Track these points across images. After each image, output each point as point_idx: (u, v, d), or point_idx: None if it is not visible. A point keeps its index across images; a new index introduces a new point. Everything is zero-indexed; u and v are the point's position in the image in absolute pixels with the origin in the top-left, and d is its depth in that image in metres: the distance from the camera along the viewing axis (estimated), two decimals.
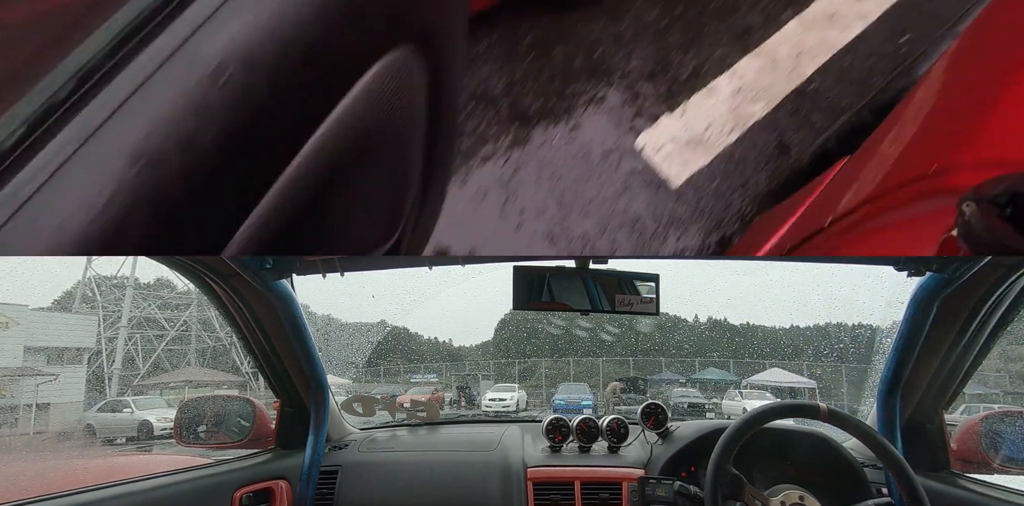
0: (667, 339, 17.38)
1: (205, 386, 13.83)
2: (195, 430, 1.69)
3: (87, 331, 13.65)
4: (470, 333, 29.03)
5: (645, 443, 1.71)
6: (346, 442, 1.81)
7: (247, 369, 14.47)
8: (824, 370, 14.34)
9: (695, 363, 15.99)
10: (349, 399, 1.98)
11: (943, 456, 1.47)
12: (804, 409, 1.22)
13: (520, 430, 1.87)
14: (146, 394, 13.09)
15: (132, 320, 16.58)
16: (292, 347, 1.52)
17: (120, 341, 15.79)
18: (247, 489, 1.45)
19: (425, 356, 19.26)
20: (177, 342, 17.60)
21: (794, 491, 1.21)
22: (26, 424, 10.85)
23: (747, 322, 18.21)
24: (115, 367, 15.07)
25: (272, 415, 1.69)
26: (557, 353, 17.06)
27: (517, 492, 1.57)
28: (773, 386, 13.36)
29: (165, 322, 17.42)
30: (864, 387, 1.85)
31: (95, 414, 10.95)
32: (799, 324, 16.92)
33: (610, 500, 1.54)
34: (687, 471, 1.54)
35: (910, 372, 1.40)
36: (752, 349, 16.25)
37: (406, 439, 1.88)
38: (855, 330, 11.68)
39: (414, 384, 15.18)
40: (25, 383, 11.02)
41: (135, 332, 16.61)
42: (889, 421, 1.43)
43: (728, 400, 11.84)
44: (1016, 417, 1.49)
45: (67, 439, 10.64)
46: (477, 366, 18.18)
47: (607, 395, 11.64)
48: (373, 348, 3.05)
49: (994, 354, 4.68)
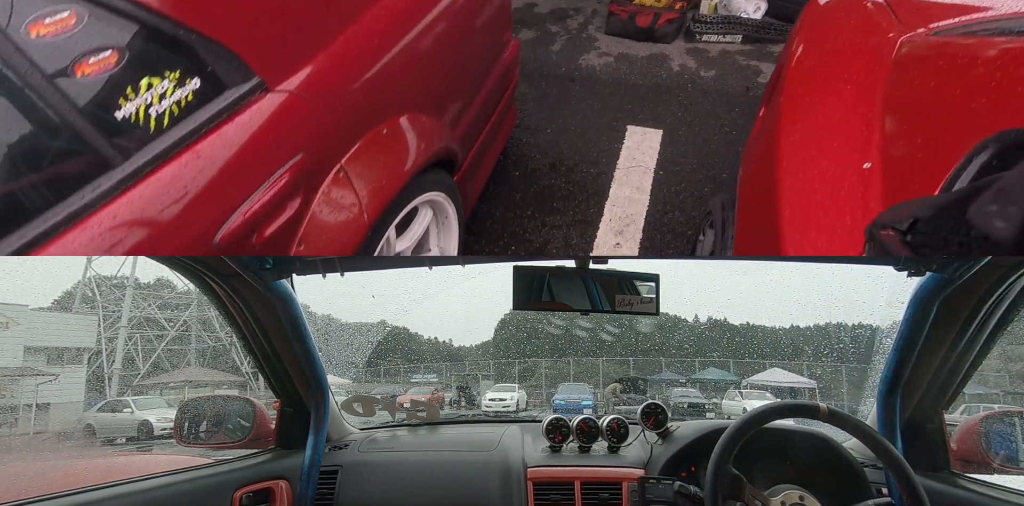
0: (667, 339, 17.37)
1: (205, 386, 13.82)
2: (195, 430, 1.69)
3: (87, 331, 13.63)
4: (470, 333, 29.02)
5: (645, 443, 1.71)
6: (346, 442, 1.81)
7: (247, 369, 14.47)
8: (824, 370, 14.33)
9: (695, 363, 15.98)
10: (349, 399, 1.98)
11: (943, 456, 1.47)
12: (804, 409, 1.22)
13: (520, 430, 1.87)
14: (146, 394, 13.07)
15: (132, 320, 16.58)
16: (292, 347, 1.52)
17: (120, 341, 15.78)
18: (247, 489, 1.45)
19: (425, 356, 19.25)
20: (177, 342, 17.59)
21: (794, 491, 1.21)
22: (26, 424, 10.85)
23: (747, 322, 18.20)
24: (115, 367, 15.07)
25: (272, 415, 1.69)
26: (557, 353, 17.05)
27: (517, 492, 1.57)
28: (773, 386, 13.34)
29: (165, 322, 17.41)
30: (864, 387, 1.85)
31: (95, 414, 10.93)
32: (799, 324, 16.91)
33: (610, 500, 1.54)
34: (687, 471, 1.54)
35: (910, 372, 1.40)
36: (752, 349, 16.23)
37: (406, 439, 1.88)
38: (855, 330, 11.67)
39: (414, 384, 15.17)
40: (25, 383, 11.01)
41: (135, 332, 16.60)
42: (889, 421, 1.43)
43: (728, 400, 11.82)
44: (1016, 417, 1.49)
45: (67, 439, 10.63)
46: (477, 366, 18.16)
47: (607, 396, 11.63)
48: (373, 348, 3.05)
49: (994, 354, 4.69)
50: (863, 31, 1.78)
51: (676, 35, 4.20)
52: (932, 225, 0.80)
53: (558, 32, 4.35)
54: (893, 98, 1.41)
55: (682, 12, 4.23)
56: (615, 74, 3.99)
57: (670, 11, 4.20)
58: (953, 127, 1.23)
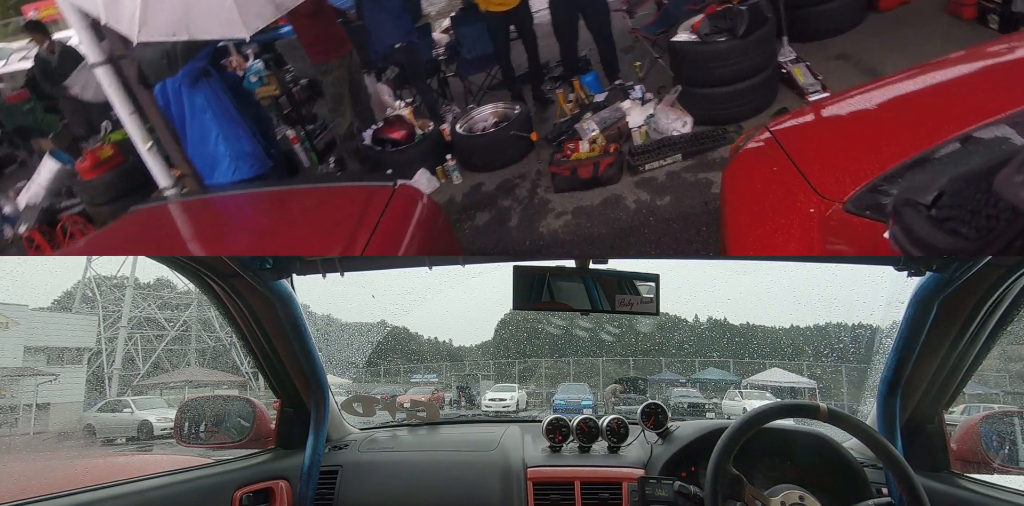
0: (667, 339, 17.33)
1: (205, 386, 13.81)
2: (195, 430, 1.69)
3: (87, 331, 13.62)
4: (470, 333, 28.99)
5: (645, 443, 1.71)
6: (346, 442, 1.81)
7: (247, 369, 14.45)
8: (824, 370, 14.31)
9: (695, 363, 15.95)
10: (349, 399, 1.98)
11: (943, 456, 1.47)
12: (804, 409, 1.22)
13: (520, 430, 1.87)
14: (146, 394, 13.05)
15: (132, 320, 16.55)
16: (292, 347, 1.52)
17: (120, 341, 15.75)
18: (247, 489, 1.45)
19: (425, 356, 19.21)
20: (177, 342, 17.57)
21: (794, 491, 1.21)
22: (26, 424, 10.84)
23: (747, 322, 18.15)
24: (115, 367, 15.04)
25: (272, 415, 1.69)
26: (557, 353, 17.02)
27: (517, 492, 1.57)
28: (773, 386, 13.33)
29: (165, 322, 17.39)
30: (864, 387, 1.85)
31: (95, 414, 10.92)
32: (799, 324, 16.87)
33: (610, 500, 1.54)
34: (687, 471, 1.54)
35: (910, 372, 1.41)
36: (752, 349, 16.20)
37: (406, 439, 1.88)
38: (855, 330, 11.65)
39: (414, 384, 15.14)
40: (25, 383, 11.01)
41: (135, 332, 16.58)
42: (889, 421, 1.43)
43: (728, 400, 11.80)
44: (1016, 417, 1.50)
45: (67, 439, 10.62)
46: (477, 366, 18.14)
47: (607, 396, 11.63)
48: (373, 348, 3.04)
49: (994, 354, 4.68)
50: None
51: (620, 174, 4.17)
52: (959, 198, 0.77)
53: (511, 206, 4.31)
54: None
55: (618, 153, 4.21)
56: (578, 230, 3.89)
57: (607, 156, 4.17)
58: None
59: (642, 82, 4.80)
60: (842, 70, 4.36)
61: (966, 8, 4.45)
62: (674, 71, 4.49)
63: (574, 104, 4.91)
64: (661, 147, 4.20)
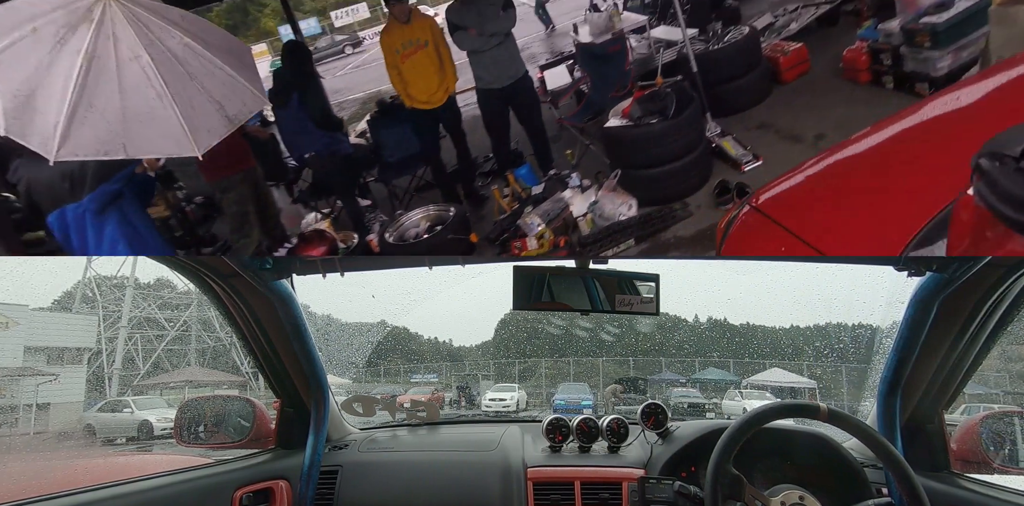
0: (667, 339, 17.33)
1: (205, 386, 13.81)
2: (195, 430, 1.69)
3: (87, 331, 13.62)
4: (470, 333, 28.98)
5: (645, 443, 1.71)
6: (346, 442, 1.81)
7: (247, 369, 14.45)
8: (824, 370, 14.31)
9: (695, 363, 15.95)
10: (349, 399, 1.98)
11: (943, 456, 1.47)
12: (804, 409, 1.22)
13: (520, 430, 1.87)
14: (146, 394, 13.06)
15: (132, 320, 16.55)
16: (292, 347, 1.52)
17: (120, 341, 15.75)
18: (247, 489, 1.45)
19: (425, 356, 19.21)
20: (177, 342, 17.56)
21: (794, 491, 1.21)
22: (26, 424, 10.84)
23: (747, 322, 18.14)
24: (115, 367, 15.04)
25: (272, 415, 1.69)
26: (557, 353, 17.02)
27: (517, 492, 1.57)
28: (773, 386, 13.33)
29: (165, 322, 17.39)
30: (864, 387, 1.85)
31: (95, 414, 10.93)
32: (799, 324, 16.87)
33: (610, 500, 1.54)
34: (687, 471, 1.54)
35: (910, 372, 1.41)
36: (752, 349, 16.20)
37: (406, 439, 1.88)
38: (855, 330, 11.64)
39: (414, 384, 15.15)
40: (25, 383, 11.01)
41: (135, 332, 16.58)
42: (889, 421, 1.43)
43: (728, 400, 11.81)
44: (1016, 417, 1.50)
45: (67, 439, 10.62)
46: (477, 366, 18.14)
47: (607, 396, 11.64)
48: (373, 348, 3.04)
49: (994, 354, 4.68)
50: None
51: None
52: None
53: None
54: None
55: (568, 245, 4.06)
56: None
57: (557, 250, 4.01)
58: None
59: (576, 169, 4.60)
60: (766, 138, 4.52)
61: (861, 73, 4.72)
62: (609, 156, 4.46)
63: (511, 199, 4.64)
64: (612, 234, 4.03)
